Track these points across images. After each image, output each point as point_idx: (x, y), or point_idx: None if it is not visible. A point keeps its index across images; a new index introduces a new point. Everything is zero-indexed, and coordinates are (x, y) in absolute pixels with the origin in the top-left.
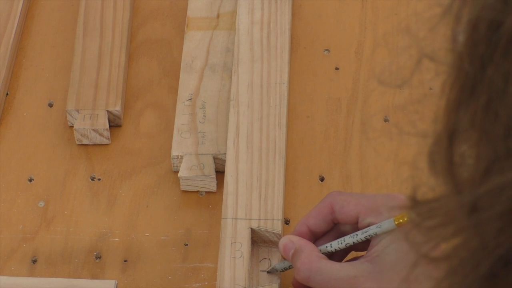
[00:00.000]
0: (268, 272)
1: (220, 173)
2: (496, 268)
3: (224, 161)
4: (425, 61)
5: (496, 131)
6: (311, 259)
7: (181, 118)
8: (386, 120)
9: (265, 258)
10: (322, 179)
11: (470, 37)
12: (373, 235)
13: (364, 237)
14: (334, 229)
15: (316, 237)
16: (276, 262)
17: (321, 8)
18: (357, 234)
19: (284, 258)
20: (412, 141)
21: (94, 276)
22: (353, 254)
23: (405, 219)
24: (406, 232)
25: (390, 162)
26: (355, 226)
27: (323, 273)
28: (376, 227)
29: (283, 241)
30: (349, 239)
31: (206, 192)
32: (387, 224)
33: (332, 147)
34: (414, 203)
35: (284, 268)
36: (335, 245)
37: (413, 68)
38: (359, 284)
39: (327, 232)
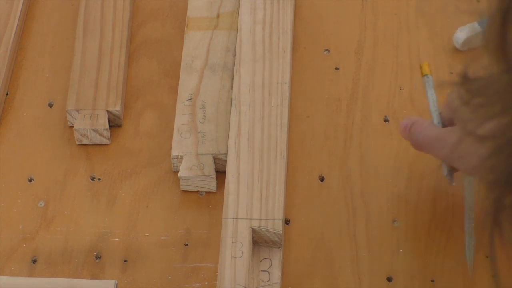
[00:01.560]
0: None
1: (220, 173)
2: None
3: (224, 161)
4: None
5: None
6: (423, 124)
7: (181, 118)
8: (386, 120)
9: (265, 258)
10: (322, 179)
11: None
12: None
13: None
14: None
15: None
16: (277, 260)
17: (321, 8)
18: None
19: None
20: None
21: (94, 276)
22: None
23: None
24: (455, 109)
25: (390, 162)
26: None
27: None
28: None
29: (402, 123)
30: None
31: (206, 192)
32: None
33: (332, 147)
34: (465, 80)
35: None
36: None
37: None
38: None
39: None
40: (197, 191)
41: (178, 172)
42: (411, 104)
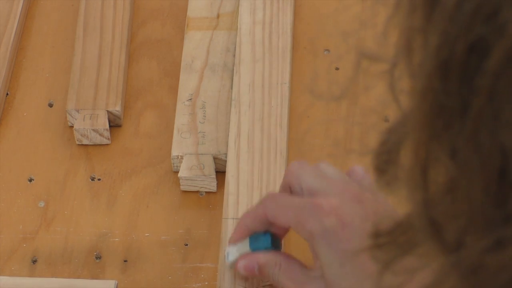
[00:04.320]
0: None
1: (220, 173)
2: None
3: (224, 161)
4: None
5: None
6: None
7: (181, 118)
8: (386, 120)
9: None
10: None
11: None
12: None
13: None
14: None
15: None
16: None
17: (321, 8)
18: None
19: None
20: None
21: (94, 276)
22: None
23: None
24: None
25: None
26: None
27: None
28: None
29: (243, 264)
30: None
31: (206, 192)
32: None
33: (332, 147)
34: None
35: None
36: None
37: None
38: None
39: None
40: (197, 191)
41: (178, 172)
42: None
